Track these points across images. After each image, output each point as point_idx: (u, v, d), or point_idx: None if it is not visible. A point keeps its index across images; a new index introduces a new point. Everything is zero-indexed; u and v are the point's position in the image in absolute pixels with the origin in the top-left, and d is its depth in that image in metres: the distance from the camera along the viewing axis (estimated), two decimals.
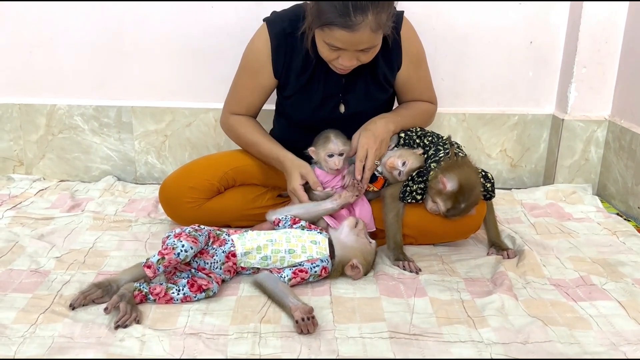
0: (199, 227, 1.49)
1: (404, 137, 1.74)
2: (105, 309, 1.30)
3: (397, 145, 1.73)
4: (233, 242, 1.48)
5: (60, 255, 1.61)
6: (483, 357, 1.21)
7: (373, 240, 1.57)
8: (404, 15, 1.73)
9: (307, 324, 1.26)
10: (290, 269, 1.46)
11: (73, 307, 1.33)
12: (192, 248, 1.39)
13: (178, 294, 1.37)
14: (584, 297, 1.45)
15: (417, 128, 1.77)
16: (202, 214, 1.76)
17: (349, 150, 1.68)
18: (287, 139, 1.81)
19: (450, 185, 1.53)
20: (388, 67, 1.74)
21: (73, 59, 2.20)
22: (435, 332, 1.29)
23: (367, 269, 1.54)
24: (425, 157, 1.68)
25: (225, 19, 2.14)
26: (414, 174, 1.63)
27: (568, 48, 2.20)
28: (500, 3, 2.17)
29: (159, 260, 1.36)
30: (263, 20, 1.72)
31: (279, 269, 1.47)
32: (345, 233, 1.53)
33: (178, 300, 1.38)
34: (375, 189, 1.71)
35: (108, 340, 1.23)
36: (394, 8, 1.56)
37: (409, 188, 1.62)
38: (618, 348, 1.24)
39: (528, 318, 1.33)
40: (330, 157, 1.67)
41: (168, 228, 1.81)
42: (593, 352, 1.23)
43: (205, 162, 1.86)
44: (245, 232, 1.54)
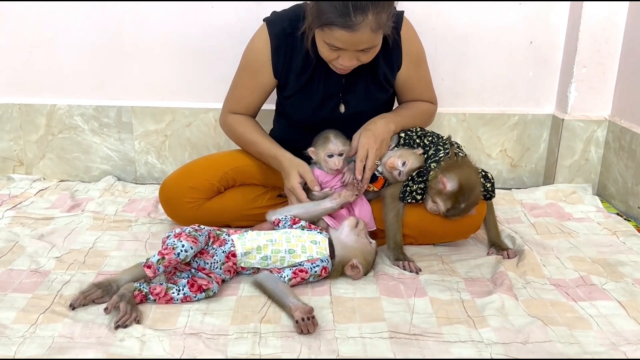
0: (199, 227, 1.49)
1: (404, 137, 1.74)
2: (105, 309, 1.30)
3: (397, 145, 1.73)
4: (233, 242, 1.48)
5: (60, 255, 1.61)
6: (483, 357, 1.20)
7: (373, 241, 1.57)
8: (404, 15, 1.73)
9: (307, 324, 1.26)
10: (290, 269, 1.46)
11: (73, 307, 1.33)
12: (192, 248, 1.39)
13: (178, 294, 1.37)
14: (584, 297, 1.45)
15: (417, 128, 1.77)
16: (202, 214, 1.76)
17: (349, 151, 1.68)
18: (287, 139, 1.81)
19: (450, 185, 1.53)
20: (388, 67, 1.74)
21: (73, 59, 2.20)
22: (436, 332, 1.29)
23: (367, 269, 1.54)
24: (425, 157, 1.68)
25: (225, 19, 2.14)
26: (414, 174, 1.63)
27: (568, 48, 2.20)
28: (501, 3, 2.17)
29: (159, 260, 1.36)
30: (263, 20, 1.72)
31: (279, 269, 1.47)
32: (346, 233, 1.53)
33: (178, 300, 1.38)
34: (376, 189, 1.71)
35: (108, 340, 1.23)
36: (394, 8, 1.56)
37: (409, 188, 1.62)
38: (618, 348, 1.24)
39: (528, 318, 1.33)
40: (330, 157, 1.67)
41: (168, 228, 1.81)
42: (593, 352, 1.23)
43: (205, 162, 1.86)
44: (245, 232, 1.54)
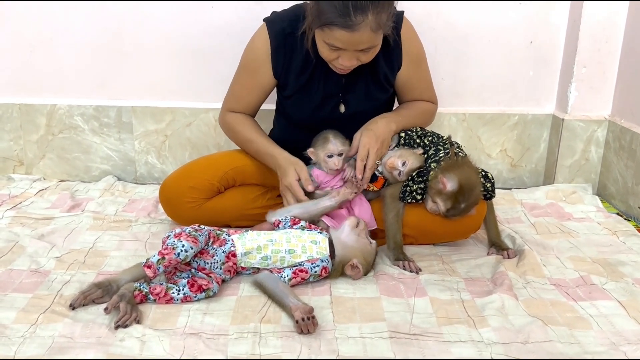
0: (199, 227, 1.49)
1: (404, 136, 1.74)
2: (106, 309, 1.30)
3: (397, 145, 1.73)
4: (233, 242, 1.48)
5: (61, 255, 1.61)
6: (483, 357, 1.20)
7: (373, 241, 1.57)
8: (404, 15, 1.73)
9: (307, 324, 1.26)
10: (291, 269, 1.46)
11: (73, 307, 1.33)
12: (192, 248, 1.39)
13: (178, 294, 1.37)
14: (584, 296, 1.45)
15: (417, 128, 1.77)
16: (202, 214, 1.76)
17: (348, 150, 1.68)
18: (287, 139, 1.81)
19: (450, 185, 1.53)
20: (388, 67, 1.74)
21: (73, 59, 2.20)
22: (436, 332, 1.29)
23: (367, 269, 1.54)
24: (426, 157, 1.68)
25: (225, 19, 2.14)
26: (414, 174, 1.63)
27: (568, 48, 2.20)
28: (501, 3, 2.17)
29: (159, 260, 1.36)
30: (263, 20, 1.72)
31: (279, 269, 1.47)
32: (346, 233, 1.52)
33: (178, 300, 1.38)
34: (375, 189, 1.70)
35: (108, 340, 1.23)
36: (394, 8, 1.56)
37: (409, 188, 1.62)
38: (618, 348, 1.24)
39: (528, 318, 1.33)
40: (330, 157, 1.67)
41: (168, 228, 1.81)
42: (593, 351, 1.23)
43: (206, 162, 1.86)
44: (246, 232, 1.54)
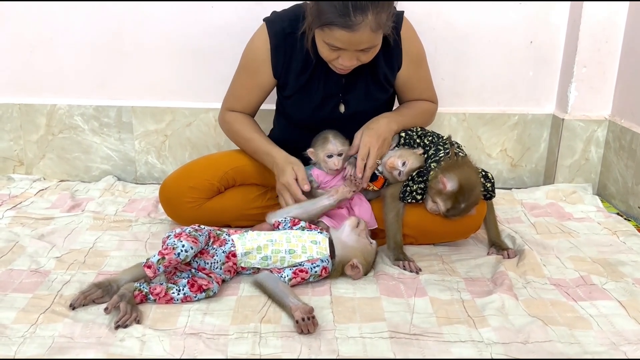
0: (199, 227, 1.49)
1: (405, 136, 1.74)
2: (106, 309, 1.30)
3: (397, 145, 1.73)
4: (233, 242, 1.48)
5: (61, 255, 1.61)
6: (483, 356, 1.20)
7: (374, 241, 1.57)
8: (404, 16, 1.73)
9: (307, 324, 1.26)
10: (291, 269, 1.46)
11: (73, 307, 1.33)
12: (192, 248, 1.39)
13: (178, 294, 1.37)
14: (584, 296, 1.45)
15: (417, 128, 1.77)
16: (202, 214, 1.75)
17: (348, 150, 1.68)
18: (287, 139, 1.81)
19: (451, 185, 1.53)
20: (388, 67, 1.74)
21: (73, 59, 2.20)
22: (436, 331, 1.29)
23: (367, 269, 1.54)
24: (426, 157, 1.68)
25: (225, 19, 2.14)
26: (414, 174, 1.63)
27: (568, 48, 2.20)
28: (501, 3, 2.17)
29: (159, 260, 1.36)
30: (263, 20, 1.72)
31: (279, 269, 1.47)
32: (347, 233, 1.52)
33: (178, 300, 1.38)
34: (375, 188, 1.70)
35: (108, 340, 1.23)
36: (394, 8, 1.56)
37: (409, 188, 1.62)
38: (618, 348, 1.24)
39: (528, 318, 1.33)
40: (330, 157, 1.67)
41: (168, 228, 1.81)
42: (593, 351, 1.23)
43: (206, 162, 1.86)
44: (246, 232, 1.54)
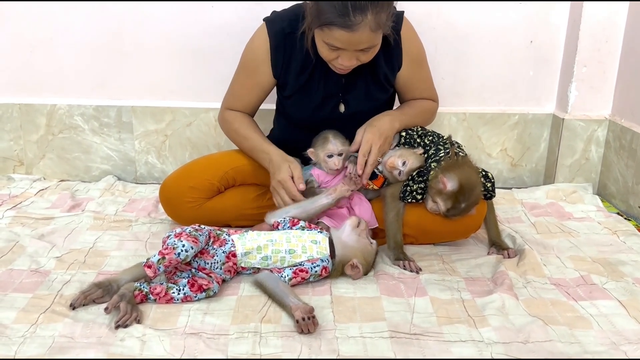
0: (200, 226, 1.49)
1: (405, 136, 1.74)
2: (106, 309, 1.30)
3: (397, 145, 1.73)
4: (233, 242, 1.48)
5: (61, 255, 1.61)
6: (484, 356, 1.20)
7: (374, 241, 1.57)
8: (404, 16, 1.73)
9: (307, 324, 1.26)
10: (291, 269, 1.46)
11: (73, 306, 1.33)
12: (192, 248, 1.39)
13: (178, 294, 1.37)
14: (585, 296, 1.45)
15: (418, 127, 1.77)
16: (202, 214, 1.75)
17: (348, 150, 1.68)
18: (287, 139, 1.81)
19: (451, 185, 1.53)
20: (388, 67, 1.74)
21: (73, 59, 2.20)
22: (436, 331, 1.28)
23: (367, 269, 1.54)
24: (426, 156, 1.68)
25: (225, 19, 2.14)
26: (414, 174, 1.63)
27: (568, 47, 2.20)
28: (501, 3, 2.17)
29: (160, 260, 1.36)
30: (263, 20, 1.72)
31: (280, 269, 1.47)
32: (347, 233, 1.52)
33: (178, 300, 1.38)
34: (375, 187, 1.70)
35: (108, 340, 1.23)
36: (394, 8, 1.56)
37: (409, 188, 1.62)
38: (618, 347, 1.24)
39: (528, 317, 1.33)
40: (330, 157, 1.67)
41: (168, 228, 1.81)
42: (593, 351, 1.23)
43: (206, 161, 1.86)
44: (246, 232, 1.54)
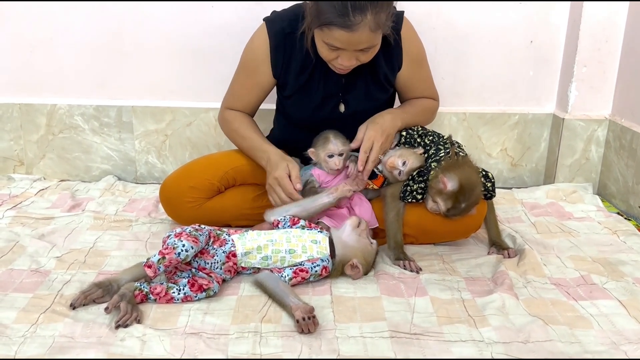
0: (200, 226, 1.49)
1: (406, 135, 1.74)
2: (106, 309, 1.30)
3: (398, 144, 1.73)
4: (233, 242, 1.48)
5: (61, 255, 1.61)
6: (484, 356, 1.20)
7: (374, 241, 1.57)
8: (404, 16, 1.73)
9: (307, 324, 1.26)
10: (291, 269, 1.46)
11: (74, 306, 1.33)
12: (192, 248, 1.39)
13: (179, 294, 1.37)
14: (585, 296, 1.45)
15: (418, 127, 1.77)
16: (202, 214, 1.75)
17: (349, 150, 1.68)
18: (287, 139, 1.81)
19: (451, 185, 1.53)
20: (388, 67, 1.74)
21: (73, 59, 2.20)
22: (436, 331, 1.28)
23: (367, 269, 1.54)
24: (426, 156, 1.68)
25: (225, 19, 2.14)
26: (415, 174, 1.63)
27: (568, 47, 2.20)
28: (501, 3, 2.17)
29: (160, 260, 1.36)
30: (263, 20, 1.72)
31: (280, 269, 1.47)
32: (347, 232, 1.52)
33: (179, 300, 1.38)
34: (375, 187, 1.70)
35: (109, 340, 1.23)
36: (394, 8, 1.56)
37: (410, 187, 1.62)
38: (619, 347, 1.24)
39: (529, 317, 1.33)
40: (330, 157, 1.67)
41: (168, 228, 1.81)
42: (594, 351, 1.23)
43: (206, 161, 1.86)
44: (246, 232, 1.54)
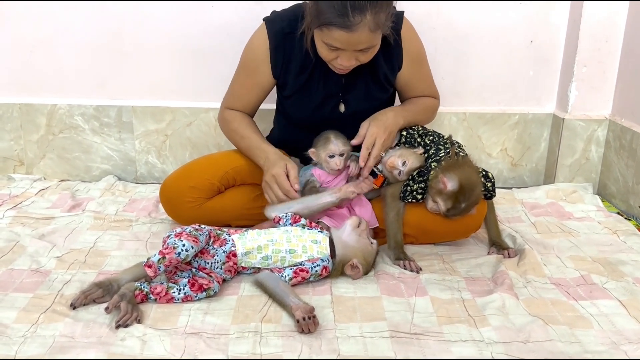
0: (200, 226, 1.49)
1: (406, 135, 1.74)
2: (106, 309, 1.30)
3: (398, 144, 1.73)
4: (234, 242, 1.48)
5: (61, 255, 1.61)
6: (484, 356, 1.20)
7: (374, 241, 1.57)
8: (404, 16, 1.73)
9: (308, 324, 1.26)
10: (291, 269, 1.46)
11: (74, 306, 1.33)
12: (192, 247, 1.39)
13: (179, 294, 1.37)
14: (585, 296, 1.45)
15: (419, 127, 1.77)
16: (202, 214, 1.75)
17: (350, 150, 1.68)
18: (287, 139, 1.81)
19: (451, 185, 1.53)
20: (388, 66, 1.74)
21: (73, 59, 2.20)
22: (436, 331, 1.29)
23: (367, 269, 1.54)
24: (426, 156, 1.68)
25: (225, 19, 2.14)
26: (415, 174, 1.63)
27: (568, 47, 2.20)
28: (501, 2, 2.17)
29: (160, 260, 1.36)
30: (263, 20, 1.72)
31: (280, 269, 1.47)
32: (347, 232, 1.52)
33: (179, 300, 1.38)
34: (375, 186, 1.70)
35: (109, 340, 1.23)
36: (393, 8, 1.56)
37: (410, 187, 1.62)
38: (619, 347, 1.24)
39: (529, 317, 1.33)
40: (332, 157, 1.67)
41: (169, 227, 1.81)
42: (594, 351, 1.23)
43: (206, 161, 1.86)
44: (246, 231, 1.54)
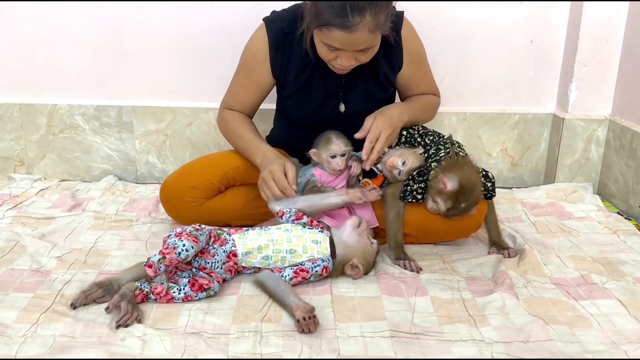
0: (200, 226, 1.49)
1: (406, 134, 1.74)
2: (107, 309, 1.30)
3: (398, 144, 1.73)
4: (234, 241, 1.48)
5: (62, 255, 1.62)
6: (484, 356, 1.21)
7: (375, 241, 1.57)
8: (404, 16, 1.73)
9: (308, 323, 1.26)
10: (292, 269, 1.46)
11: (74, 306, 1.33)
12: (193, 247, 1.39)
13: (179, 294, 1.38)
14: (585, 295, 1.45)
15: (419, 126, 1.77)
16: (202, 214, 1.75)
17: (351, 150, 1.68)
18: (287, 139, 1.81)
19: (451, 185, 1.53)
20: (389, 66, 1.74)
21: (74, 59, 2.20)
22: (436, 331, 1.29)
23: (367, 269, 1.54)
24: (426, 156, 1.68)
25: (225, 19, 2.14)
26: (415, 174, 1.63)
27: (568, 47, 2.20)
28: (501, 3, 2.17)
29: (160, 260, 1.36)
30: (262, 20, 1.72)
31: (280, 269, 1.47)
32: (348, 232, 1.52)
33: (179, 300, 1.38)
34: (375, 186, 1.70)
35: (109, 340, 1.23)
36: (393, 8, 1.56)
37: (410, 187, 1.62)
38: (619, 347, 1.24)
39: (529, 317, 1.33)
40: (333, 158, 1.67)
41: (169, 227, 1.81)
42: (594, 350, 1.23)
43: (206, 161, 1.86)
44: (246, 231, 1.54)
